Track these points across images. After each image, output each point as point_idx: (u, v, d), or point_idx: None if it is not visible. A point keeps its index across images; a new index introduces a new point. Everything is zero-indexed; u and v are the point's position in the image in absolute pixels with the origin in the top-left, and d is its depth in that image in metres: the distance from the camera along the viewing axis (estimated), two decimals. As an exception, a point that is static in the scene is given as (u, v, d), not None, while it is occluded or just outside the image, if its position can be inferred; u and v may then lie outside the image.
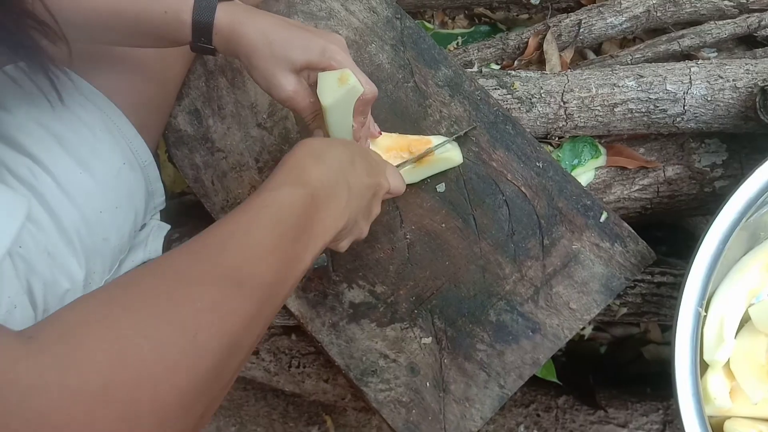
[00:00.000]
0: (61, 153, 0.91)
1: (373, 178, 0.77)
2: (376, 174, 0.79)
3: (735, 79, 1.05)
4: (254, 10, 0.85)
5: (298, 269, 0.63)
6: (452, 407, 0.94)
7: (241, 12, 0.83)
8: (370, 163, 0.78)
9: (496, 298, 0.97)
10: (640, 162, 1.15)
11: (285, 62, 0.82)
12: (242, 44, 0.83)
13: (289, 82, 0.84)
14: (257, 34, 0.82)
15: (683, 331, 0.87)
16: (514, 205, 1.00)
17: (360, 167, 0.75)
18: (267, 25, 0.82)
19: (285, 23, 0.84)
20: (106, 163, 0.94)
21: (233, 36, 0.83)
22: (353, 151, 0.77)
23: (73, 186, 0.90)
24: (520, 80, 1.12)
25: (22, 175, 0.88)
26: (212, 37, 0.84)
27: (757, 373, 0.95)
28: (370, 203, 0.78)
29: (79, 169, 0.91)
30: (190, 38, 0.84)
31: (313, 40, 0.82)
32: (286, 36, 0.82)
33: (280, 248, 0.60)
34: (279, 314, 1.17)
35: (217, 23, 0.82)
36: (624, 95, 1.08)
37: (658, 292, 1.09)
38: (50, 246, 0.88)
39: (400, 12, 1.10)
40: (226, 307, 0.53)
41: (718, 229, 0.89)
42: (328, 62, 0.82)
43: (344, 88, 0.82)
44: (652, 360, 1.41)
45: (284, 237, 0.61)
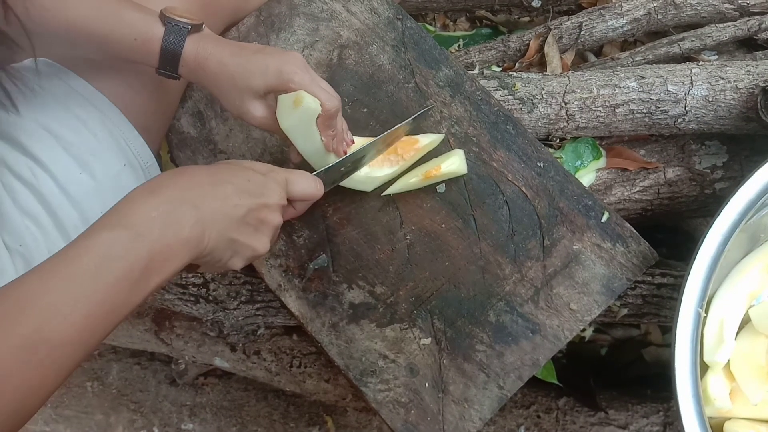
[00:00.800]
0: (61, 153, 0.91)
1: (245, 198, 0.74)
2: (253, 191, 0.75)
3: (736, 80, 1.05)
4: (218, 40, 0.88)
5: (121, 313, 0.62)
6: (451, 408, 0.94)
7: (206, 44, 0.86)
8: (244, 182, 0.75)
9: (496, 299, 0.97)
10: (640, 163, 1.15)
11: (248, 91, 0.86)
12: (206, 77, 0.87)
13: (256, 108, 0.87)
14: (219, 67, 0.85)
15: (683, 333, 0.87)
16: (514, 205, 1.00)
17: (226, 189, 0.72)
18: (226, 56, 0.85)
19: (243, 51, 0.86)
20: (107, 164, 0.95)
21: (198, 69, 0.87)
22: (219, 172, 0.75)
23: (73, 186, 0.91)
24: (522, 81, 1.13)
25: (23, 174, 0.88)
26: (178, 68, 0.87)
27: (757, 374, 0.95)
28: (246, 221, 0.74)
29: (79, 170, 0.92)
30: (156, 66, 0.87)
31: (270, 64, 0.84)
32: (244, 64, 0.85)
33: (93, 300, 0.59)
34: (281, 315, 1.17)
35: (184, 56, 0.86)
36: (625, 96, 1.09)
37: (658, 294, 1.09)
38: (50, 245, 0.88)
39: (401, 13, 1.11)
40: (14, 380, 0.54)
41: (718, 230, 0.89)
42: (285, 84, 0.84)
43: (299, 110, 0.85)
44: (652, 362, 1.41)
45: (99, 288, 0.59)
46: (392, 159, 0.99)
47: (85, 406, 1.51)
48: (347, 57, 1.09)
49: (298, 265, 1.02)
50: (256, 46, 0.88)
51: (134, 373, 1.52)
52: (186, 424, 1.47)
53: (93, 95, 0.96)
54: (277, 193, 0.79)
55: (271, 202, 0.78)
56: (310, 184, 0.85)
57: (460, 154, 1.00)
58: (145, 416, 1.50)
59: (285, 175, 0.82)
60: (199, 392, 1.49)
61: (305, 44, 1.10)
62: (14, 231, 0.87)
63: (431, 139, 1.01)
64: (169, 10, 0.86)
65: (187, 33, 0.85)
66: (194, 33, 0.86)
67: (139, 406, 1.50)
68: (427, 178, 0.99)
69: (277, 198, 0.79)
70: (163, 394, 1.50)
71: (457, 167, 0.99)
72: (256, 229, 0.76)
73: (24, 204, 0.88)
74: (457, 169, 0.99)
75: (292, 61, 0.85)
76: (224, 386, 1.49)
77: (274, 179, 0.79)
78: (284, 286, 1.01)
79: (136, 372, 1.52)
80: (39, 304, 0.57)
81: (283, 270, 1.02)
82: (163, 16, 0.85)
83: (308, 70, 0.86)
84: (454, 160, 0.99)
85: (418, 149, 1.00)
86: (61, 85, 0.95)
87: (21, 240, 0.86)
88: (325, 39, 1.10)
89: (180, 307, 1.17)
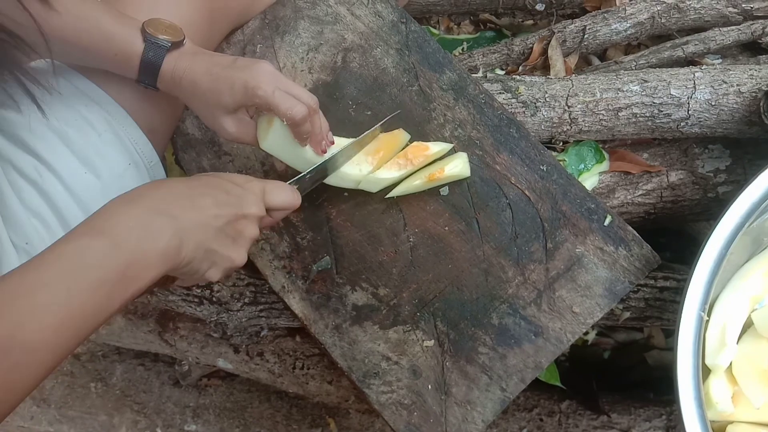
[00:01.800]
0: (66, 153, 0.92)
1: (224, 209, 0.74)
2: (232, 203, 0.76)
3: (739, 84, 1.05)
4: (194, 57, 0.90)
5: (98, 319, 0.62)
6: (454, 410, 0.95)
7: (183, 61, 0.89)
8: (222, 193, 0.76)
9: (499, 302, 0.97)
10: (643, 167, 1.15)
11: (219, 108, 0.88)
12: (182, 93, 0.91)
13: (228, 124, 0.90)
14: (191, 86, 0.88)
15: (685, 336, 0.87)
16: (517, 208, 1.00)
17: (205, 200, 0.73)
18: (198, 75, 0.88)
19: (214, 67, 0.88)
20: (111, 163, 0.95)
21: (174, 85, 0.90)
22: (198, 185, 0.76)
23: (78, 185, 0.91)
24: (525, 85, 1.13)
25: (29, 173, 0.89)
26: (156, 83, 0.90)
27: (760, 378, 0.95)
28: (224, 232, 0.75)
29: (84, 169, 0.92)
30: (135, 79, 0.91)
31: (236, 80, 0.86)
32: (213, 82, 0.87)
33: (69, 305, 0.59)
34: (284, 316, 1.17)
35: (161, 72, 0.89)
36: (628, 100, 1.09)
37: (661, 297, 1.10)
38: None
39: (405, 16, 1.11)
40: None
41: (720, 234, 0.89)
42: (251, 99, 0.86)
43: (272, 130, 0.89)
44: (655, 365, 1.41)
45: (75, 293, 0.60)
46: (401, 163, 0.99)
47: (88, 406, 1.52)
48: (351, 60, 1.10)
49: (302, 266, 1.02)
50: (227, 60, 0.89)
51: (138, 374, 1.53)
52: (189, 425, 1.48)
53: (99, 96, 0.96)
54: (255, 204, 0.79)
55: (250, 213, 0.78)
56: (287, 194, 0.85)
57: (464, 157, 1.00)
58: (148, 417, 1.50)
59: (262, 186, 0.82)
60: (202, 393, 1.50)
61: (310, 47, 1.11)
62: (21, 229, 0.88)
63: (441, 147, 1.01)
64: (153, 24, 0.88)
65: (166, 50, 0.88)
66: (174, 50, 0.89)
67: (142, 407, 1.51)
68: (430, 181, 0.99)
69: (255, 209, 0.79)
70: (166, 395, 1.51)
71: (461, 170, 0.99)
72: (234, 240, 0.77)
73: (30, 203, 0.89)
74: (461, 171, 0.99)
75: (257, 75, 0.86)
76: (227, 387, 1.50)
77: (252, 190, 0.80)
78: (288, 288, 1.02)
79: (139, 373, 1.53)
80: (15, 306, 0.57)
81: (287, 272, 1.02)
82: (144, 31, 0.88)
83: (273, 82, 0.86)
84: (457, 162, 0.99)
85: (427, 156, 1.00)
86: (67, 85, 0.96)
87: (27, 238, 0.87)
88: (329, 42, 1.11)
89: (184, 308, 1.17)
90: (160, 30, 0.88)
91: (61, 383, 1.54)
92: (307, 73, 1.10)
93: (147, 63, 0.88)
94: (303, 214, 1.04)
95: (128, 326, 1.31)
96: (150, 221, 0.66)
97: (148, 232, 0.65)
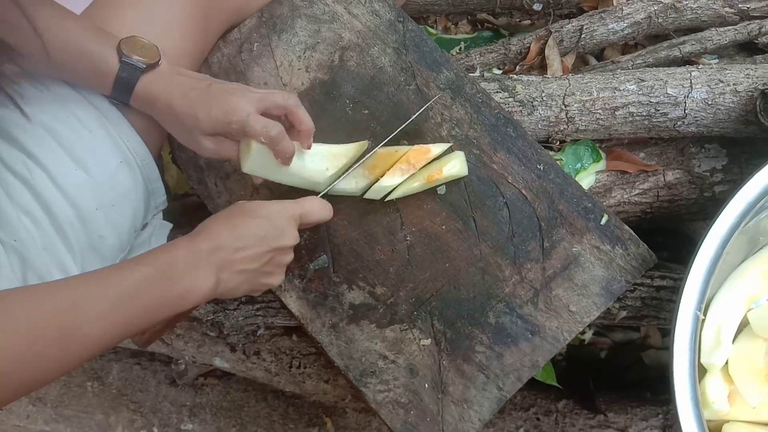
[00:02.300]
0: (56, 150, 0.91)
1: (263, 251, 0.84)
2: (270, 243, 0.85)
3: (735, 84, 1.05)
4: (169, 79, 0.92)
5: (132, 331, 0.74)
6: (450, 409, 0.95)
7: (158, 84, 0.91)
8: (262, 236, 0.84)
9: (496, 300, 0.97)
10: (640, 166, 1.15)
11: (196, 131, 0.91)
12: (156, 114, 0.94)
13: (206, 144, 0.93)
14: (167, 109, 0.91)
15: (682, 335, 0.87)
16: (514, 207, 1.00)
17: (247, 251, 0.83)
18: (174, 99, 0.90)
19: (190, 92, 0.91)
20: (102, 161, 0.95)
21: (147, 106, 0.93)
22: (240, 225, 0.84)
23: (68, 182, 0.91)
24: (522, 84, 1.13)
25: (18, 169, 0.89)
26: (129, 101, 0.93)
27: (756, 377, 0.95)
28: (262, 270, 0.86)
29: (74, 166, 0.92)
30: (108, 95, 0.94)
31: (213, 106, 0.89)
32: (190, 107, 0.90)
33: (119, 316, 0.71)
34: (281, 315, 1.18)
35: (135, 92, 0.92)
36: (625, 99, 1.09)
37: (657, 296, 1.10)
38: (45, 240, 0.89)
39: (402, 15, 1.11)
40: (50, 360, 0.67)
41: (717, 233, 0.89)
42: (229, 127, 0.89)
43: (251, 153, 0.91)
44: (652, 365, 1.41)
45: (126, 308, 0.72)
46: (404, 168, 1.00)
47: (85, 405, 1.51)
48: (349, 59, 1.10)
49: (299, 265, 1.02)
50: (203, 83, 0.92)
51: (134, 373, 1.52)
52: (186, 424, 1.47)
53: (91, 95, 0.96)
54: (292, 236, 0.88)
55: (287, 246, 0.87)
56: (323, 211, 0.93)
57: (461, 156, 1.00)
58: (144, 416, 1.50)
59: (299, 212, 0.89)
60: (198, 393, 1.49)
61: (307, 46, 1.11)
62: (9, 226, 0.87)
63: (442, 149, 1.01)
64: (129, 44, 0.90)
65: (141, 72, 0.90)
66: (149, 71, 0.90)
67: (138, 406, 1.50)
68: (429, 182, 0.99)
69: (292, 240, 0.88)
70: (163, 394, 1.50)
71: (459, 170, 0.99)
72: (272, 272, 0.88)
73: (19, 199, 0.88)
74: (459, 171, 0.99)
75: (231, 101, 0.89)
76: (224, 387, 1.49)
77: (290, 222, 0.88)
78: (284, 287, 1.02)
79: (136, 372, 1.52)
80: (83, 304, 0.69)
81: (284, 270, 1.02)
82: (119, 50, 0.89)
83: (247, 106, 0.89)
84: (455, 162, 0.99)
85: (429, 158, 1.01)
86: (58, 82, 0.96)
87: (16, 235, 0.86)
88: (326, 41, 1.11)
89: (181, 307, 1.17)
90: (136, 50, 0.89)
91: (57, 382, 1.54)
92: (304, 71, 1.10)
93: (121, 82, 0.90)
94: (300, 213, 1.04)
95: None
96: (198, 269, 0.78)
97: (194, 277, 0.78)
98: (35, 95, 0.94)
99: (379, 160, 1.01)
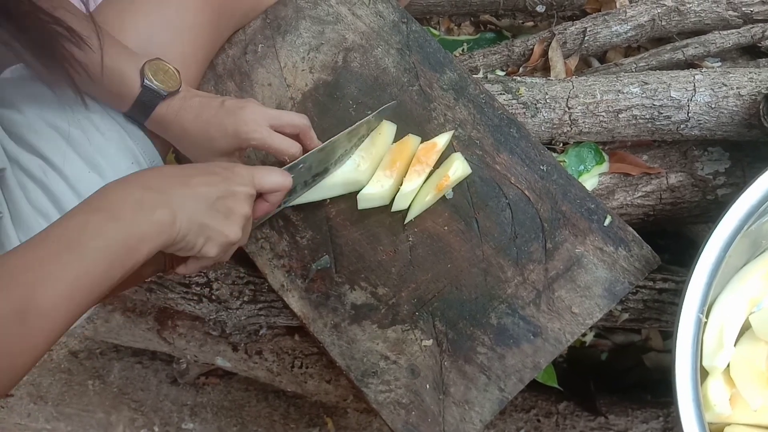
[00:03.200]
0: (70, 153, 0.92)
1: (212, 185, 0.78)
2: (220, 181, 0.80)
3: (739, 87, 1.06)
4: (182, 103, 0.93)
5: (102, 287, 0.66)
6: (452, 410, 0.95)
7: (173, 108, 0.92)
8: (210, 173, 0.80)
9: (498, 301, 0.97)
10: (643, 169, 1.15)
11: (211, 151, 0.92)
12: (169, 136, 0.95)
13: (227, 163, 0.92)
14: (181, 132, 0.93)
15: (684, 338, 0.87)
16: (517, 208, 1.00)
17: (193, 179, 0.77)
18: (187, 122, 0.92)
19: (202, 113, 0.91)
20: (115, 163, 0.95)
21: (161, 129, 0.94)
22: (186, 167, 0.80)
23: (82, 185, 0.92)
24: (526, 86, 1.13)
25: (35, 173, 0.90)
26: (143, 122, 0.94)
27: (757, 380, 0.95)
28: (215, 207, 0.78)
29: (87, 168, 0.93)
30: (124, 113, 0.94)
31: (227, 126, 0.90)
32: (204, 129, 0.91)
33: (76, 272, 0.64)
34: (283, 315, 1.18)
35: (152, 116, 0.92)
36: (628, 101, 1.09)
37: (659, 299, 1.10)
38: None
39: (406, 16, 1.11)
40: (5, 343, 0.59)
41: (719, 236, 0.89)
42: (246, 143, 0.91)
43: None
44: (653, 367, 1.41)
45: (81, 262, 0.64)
46: (418, 169, 1.00)
47: (86, 404, 1.52)
48: (352, 60, 1.10)
49: (301, 265, 1.02)
50: (215, 102, 0.92)
51: (135, 372, 1.53)
52: (187, 423, 1.48)
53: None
54: (243, 183, 0.82)
55: (238, 191, 0.81)
56: (277, 175, 0.87)
57: (460, 157, 1.00)
58: (145, 415, 1.50)
59: (251, 170, 0.85)
60: (200, 392, 1.50)
61: (311, 47, 1.11)
62: (28, 228, 0.88)
63: (445, 138, 1.02)
64: (153, 68, 0.89)
65: (161, 100, 0.90)
66: (168, 98, 0.91)
67: (140, 404, 1.51)
68: (439, 191, 0.99)
69: (244, 188, 0.82)
70: (164, 393, 1.51)
71: (463, 170, 1.00)
72: (226, 216, 0.80)
73: (36, 202, 0.90)
74: (463, 172, 1.00)
75: (247, 119, 0.90)
76: (225, 386, 1.50)
77: (240, 173, 0.83)
78: (287, 287, 1.02)
79: (137, 371, 1.53)
80: (29, 274, 0.61)
81: (286, 270, 1.02)
82: (143, 74, 0.89)
83: (264, 123, 0.91)
84: (458, 165, 0.99)
85: (438, 151, 1.01)
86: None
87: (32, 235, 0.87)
88: (330, 42, 1.11)
89: (183, 306, 1.17)
90: (159, 75, 0.89)
91: (58, 380, 1.54)
92: (308, 72, 1.10)
93: (139, 106, 0.91)
94: (302, 213, 1.04)
95: (127, 324, 1.31)
96: (142, 196, 0.71)
97: (141, 206, 0.70)
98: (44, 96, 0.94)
99: (398, 155, 1.01)
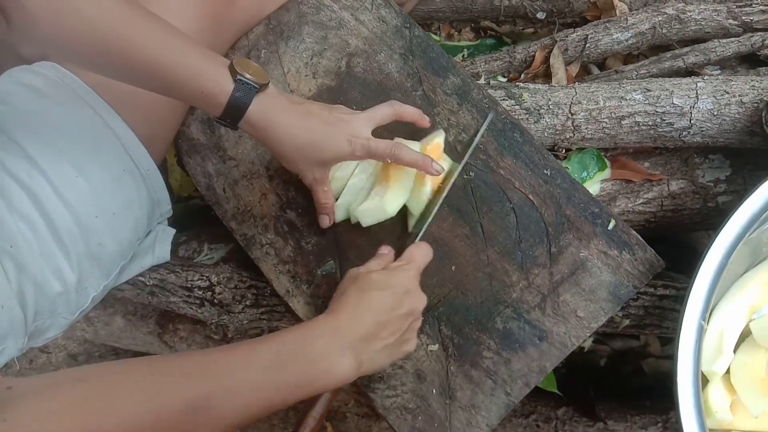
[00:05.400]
0: (58, 156, 0.91)
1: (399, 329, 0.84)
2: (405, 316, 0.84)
3: (741, 95, 1.06)
4: (283, 105, 0.88)
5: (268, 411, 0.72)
6: (458, 414, 0.95)
7: (273, 107, 0.87)
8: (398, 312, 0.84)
9: (503, 306, 0.98)
10: (644, 175, 1.16)
11: (316, 162, 0.91)
12: (269, 140, 0.88)
13: (317, 173, 0.93)
14: (287, 137, 0.88)
15: (686, 344, 0.87)
16: (521, 212, 1.01)
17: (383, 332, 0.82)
18: (295, 126, 0.88)
19: (309, 119, 0.89)
20: (104, 169, 0.94)
21: (261, 131, 0.88)
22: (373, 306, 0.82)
23: (68, 189, 0.90)
24: (529, 92, 1.14)
25: (18, 174, 0.88)
26: (239, 123, 0.87)
27: (758, 387, 0.95)
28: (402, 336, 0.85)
29: (75, 173, 0.91)
30: (218, 117, 0.86)
31: (336, 136, 0.89)
32: (313, 136, 0.88)
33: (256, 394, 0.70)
34: (285, 319, 1.17)
35: (248, 115, 0.85)
36: (631, 108, 1.10)
37: (660, 305, 1.10)
38: (42, 247, 0.88)
39: (409, 21, 1.11)
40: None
41: (721, 243, 0.89)
42: (352, 156, 0.91)
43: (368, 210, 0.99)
44: (651, 373, 1.41)
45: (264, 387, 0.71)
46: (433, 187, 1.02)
47: (83, 408, 1.50)
48: (355, 65, 1.10)
49: (306, 271, 1.02)
50: (317, 109, 0.90)
51: (134, 376, 1.51)
52: (185, 428, 1.47)
53: (94, 100, 0.96)
54: (421, 297, 0.88)
55: (420, 310, 0.87)
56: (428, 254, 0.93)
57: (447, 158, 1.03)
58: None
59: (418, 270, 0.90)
60: (198, 396, 1.49)
61: (314, 52, 1.11)
62: (5, 232, 0.86)
63: (441, 136, 1.03)
64: (241, 64, 0.84)
65: (255, 93, 0.84)
66: (261, 92, 0.85)
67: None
68: (440, 192, 1.00)
69: (423, 302, 0.88)
70: (162, 397, 1.50)
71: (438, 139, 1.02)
72: (409, 339, 0.87)
73: (18, 206, 0.87)
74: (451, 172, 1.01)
75: (354, 128, 0.90)
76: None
77: (415, 283, 0.88)
78: (292, 292, 1.02)
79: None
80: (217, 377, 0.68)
81: (292, 276, 1.02)
82: (233, 70, 0.83)
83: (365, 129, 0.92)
84: (444, 165, 1.01)
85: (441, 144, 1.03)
86: (63, 88, 0.95)
87: (12, 241, 0.85)
88: (333, 47, 1.11)
89: (185, 309, 1.17)
90: (248, 70, 0.84)
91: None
92: (312, 78, 1.10)
93: (235, 103, 0.84)
94: (307, 219, 1.04)
95: (128, 327, 1.31)
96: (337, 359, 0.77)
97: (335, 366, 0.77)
98: (36, 99, 0.93)
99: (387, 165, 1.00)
